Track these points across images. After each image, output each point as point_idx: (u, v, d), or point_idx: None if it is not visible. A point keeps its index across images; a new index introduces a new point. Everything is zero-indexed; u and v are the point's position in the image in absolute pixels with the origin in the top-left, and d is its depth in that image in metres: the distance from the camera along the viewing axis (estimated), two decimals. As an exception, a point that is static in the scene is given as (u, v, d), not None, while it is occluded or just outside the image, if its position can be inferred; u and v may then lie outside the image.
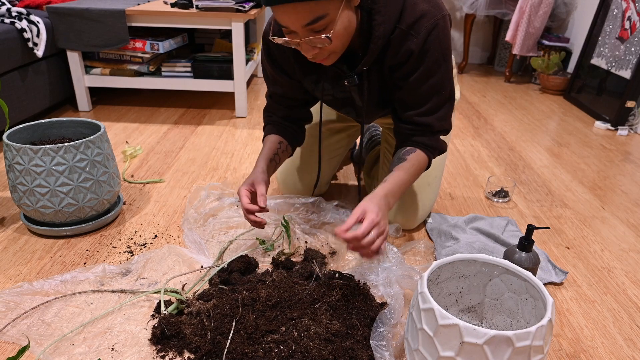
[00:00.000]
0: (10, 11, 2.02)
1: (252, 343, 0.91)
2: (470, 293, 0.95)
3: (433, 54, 1.05)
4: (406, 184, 1.10)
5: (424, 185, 1.38)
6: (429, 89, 1.09)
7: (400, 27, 1.03)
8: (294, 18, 0.91)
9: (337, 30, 0.94)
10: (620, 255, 1.34)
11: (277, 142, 1.27)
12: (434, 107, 1.11)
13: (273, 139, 1.27)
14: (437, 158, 1.37)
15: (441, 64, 1.07)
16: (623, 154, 2.09)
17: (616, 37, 2.56)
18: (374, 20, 1.02)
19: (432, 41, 1.04)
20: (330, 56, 1.02)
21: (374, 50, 1.05)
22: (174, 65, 2.34)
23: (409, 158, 1.11)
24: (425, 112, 1.11)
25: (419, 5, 1.03)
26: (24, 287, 1.09)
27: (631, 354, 1.00)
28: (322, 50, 0.99)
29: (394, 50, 1.06)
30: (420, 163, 1.13)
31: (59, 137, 1.41)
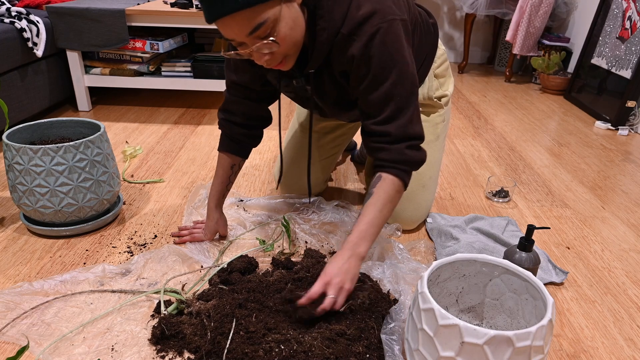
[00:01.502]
0: (9, 11, 2.01)
1: (252, 343, 0.91)
2: (471, 293, 0.95)
3: (379, 60, 1.00)
4: (377, 219, 1.03)
5: (419, 188, 1.36)
6: (382, 96, 1.03)
7: (342, 31, 1.00)
8: (236, 30, 0.90)
9: (283, 33, 0.93)
10: (620, 255, 1.34)
11: (230, 168, 1.29)
12: (391, 115, 1.04)
13: (225, 165, 1.29)
14: (430, 159, 1.35)
15: (391, 69, 1.01)
16: (623, 153, 2.09)
17: (616, 37, 2.56)
18: (318, 25, 1.00)
19: (375, 46, 0.99)
20: (285, 60, 1.00)
21: (318, 56, 1.03)
22: (173, 65, 2.34)
23: (375, 191, 1.04)
24: (382, 121, 1.04)
25: (364, 8, 0.99)
26: (23, 287, 1.08)
27: (631, 354, 1.00)
28: (275, 55, 0.97)
29: (337, 55, 1.04)
30: (390, 192, 1.04)
31: (59, 137, 1.41)
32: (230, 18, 0.88)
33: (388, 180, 1.04)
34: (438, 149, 1.39)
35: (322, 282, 0.95)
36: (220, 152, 1.29)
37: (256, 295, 1.03)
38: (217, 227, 1.31)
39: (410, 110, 1.05)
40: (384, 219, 1.04)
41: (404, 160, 1.05)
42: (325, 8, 0.98)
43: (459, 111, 2.60)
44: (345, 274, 0.97)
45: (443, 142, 1.43)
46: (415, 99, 1.06)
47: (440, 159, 1.42)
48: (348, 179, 1.75)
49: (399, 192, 1.06)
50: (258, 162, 1.85)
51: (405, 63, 1.03)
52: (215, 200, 1.31)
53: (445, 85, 1.39)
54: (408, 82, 1.03)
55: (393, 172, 1.05)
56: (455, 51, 3.79)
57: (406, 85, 1.03)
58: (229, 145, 1.28)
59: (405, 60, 1.03)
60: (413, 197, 1.36)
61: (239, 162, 1.31)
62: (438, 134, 1.39)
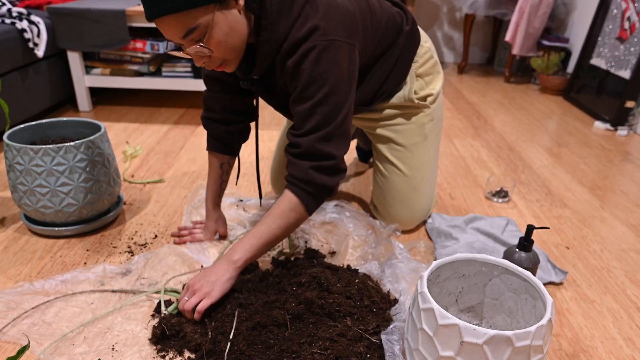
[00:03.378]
0: (10, 11, 2.02)
1: (252, 342, 0.91)
2: (470, 293, 0.95)
3: (309, 76, 0.99)
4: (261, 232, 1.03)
5: (410, 191, 1.35)
6: (306, 110, 1.02)
7: (284, 47, 1.01)
8: (171, 31, 0.92)
9: (216, 39, 0.93)
10: (619, 255, 1.34)
11: (219, 167, 1.30)
12: (309, 130, 1.02)
13: (214, 164, 1.30)
14: (420, 160, 1.34)
15: (320, 87, 1.00)
16: (622, 154, 2.09)
17: (616, 38, 2.57)
18: (260, 36, 1.00)
19: (308, 62, 0.98)
20: (225, 64, 1.01)
21: (261, 65, 1.04)
22: (174, 65, 2.35)
23: (273, 206, 1.05)
24: (299, 133, 1.03)
25: (309, 23, 0.98)
26: (24, 286, 1.09)
27: (631, 353, 1.00)
28: (212, 59, 0.98)
29: (279, 67, 1.05)
30: (283, 207, 1.04)
31: (60, 137, 1.41)
32: (164, 20, 0.90)
33: (285, 197, 1.04)
34: (428, 149, 1.36)
35: (185, 289, 1.02)
36: (208, 152, 1.30)
37: (256, 295, 1.04)
38: (216, 227, 1.32)
39: (329, 129, 1.02)
40: (271, 233, 1.04)
41: (306, 180, 1.03)
42: (270, 19, 0.98)
43: (458, 111, 2.60)
44: (210, 280, 1.00)
45: (435, 142, 1.39)
46: (340, 122, 1.03)
47: (432, 159, 1.38)
48: (348, 179, 1.75)
49: (294, 210, 1.04)
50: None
51: (337, 84, 1.01)
52: (212, 201, 1.31)
53: (433, 84, 1.34)
54: (334, 103, 1.02)
55: (293, 190, 1.04)
56: (455, 51, 3.79)
57: (332, 105, 1.01)
58: (213, 144, 1.29)
59: (337, 82, 1.01)
60: (405, 200, 1.35)
61: (227, 160, 1.30)
62: (426, 134, 1.35)
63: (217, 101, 1.25)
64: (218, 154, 1.29)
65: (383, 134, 1.35)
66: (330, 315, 0.96)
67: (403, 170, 1.34)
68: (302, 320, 0.96)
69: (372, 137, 1.40)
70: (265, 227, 1.04)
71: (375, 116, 1.33)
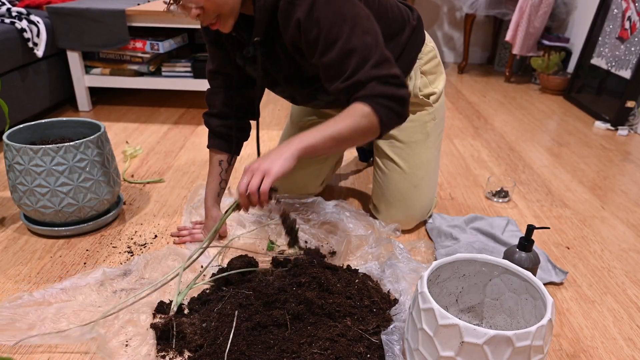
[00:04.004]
0: (10, 11, 2.02)
1: (252, 342, 0.91)
2: (470, 293, 0.95)
3: (326, 19, 0.96)
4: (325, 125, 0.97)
5: (410, 188, 1.35)
6: (340, 53, 0.98)
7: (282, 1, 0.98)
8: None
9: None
10: (620, 255, 1.34)
11: (218, 164, 1.29)
12: (356, 68, 0.99)
13: (213, 161, 1.30)
14: (421, 158, 1.34)
15: (341, 25, 0.97)
16: (623, 153, 2.09)
17: (616, 37, 2.56)
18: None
19: (320, 6, 0.96)
20: (220, 21, 0.99)
21: (260, 23, 1.02)
22: (174, 65, 2.34)
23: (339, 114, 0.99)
24: (348, 76, 0.99)
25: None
26: (24, 298, 1.04)
27: (631, 353, 1.00)
28: (206, 13, 0.97)
29: (284, 24, 1.01)
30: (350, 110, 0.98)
31: (59, 137, 1.41)
32: None
33: (355, 106, 0.99)
34: (429, 147, 1.36)
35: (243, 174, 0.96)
36: (209, 151, 1.31)
37: (256, 295, 1.03)
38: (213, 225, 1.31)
39: (376, 57, 0.99)
40: (337, 128, 0.97)
41: (377, 94, 0.98)
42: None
43: (458, 111, 2.60)
44: (269, 159, 0.94)
45: (436, 141, 1.39)
46: (378, 46, 1.00)
47: (433, 158, 1.38)
48: (348, 179, 1.75)
49: (366, 118, 0.97)
50: (258, 162, 1.85)
51: (357, 15, 0.98)
52: (211, 199, 1.31)
53: (436, 83, 1.35)
54: (363, 32, 0.99)
55: (364, 102, 0.99)
56: (455, 51, 3.79)
57: (362, 36, 0.98)
58: (212, 140, 1.30)
59: (356, 13, 0.98)
60: (405, 198, 1.35)
61: (226, 157, 1.30)
62: (428, 133, 1.35)
63: (217, 96, 1.25)
64: (217, 150, 1.29)
65: None
66: (330, 316, 0.96)
67: (403, 167, 1.34)
68: (302, 320, 0.96)
69: None
70: (332, 123, 0.97)
71: None
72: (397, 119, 1.02)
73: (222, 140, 1.29)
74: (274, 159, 0.95)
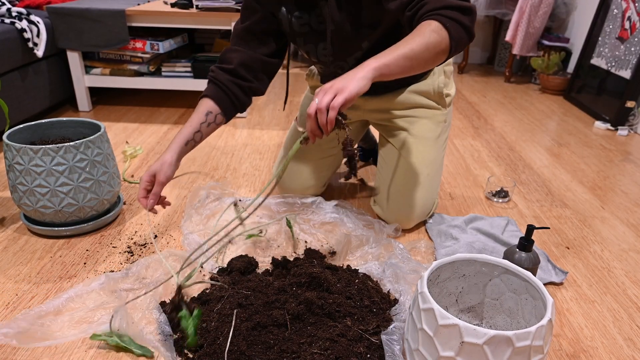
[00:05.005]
0: (10, 11, 2.02)
1: (252, 342, 0.91)
2: (470, 293, 0.95)
3: None
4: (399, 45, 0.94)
5: (414, 185, 1.35)
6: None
7: None
8: None
9: None
10: (620, 255, 1.34)
11: (204, 114, 1.18)
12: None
13: (201, 109, 1.19)
14: (428, 156, 1.34)
15: None
16: (623, 154, 2.09)
17: (616, 37, 2.56)
18: None
19: None
20: None
21: None
22: (174, 65, 2.35)
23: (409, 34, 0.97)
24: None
25: None
26: (32, 312, 1.00)
27: (631, 353, 1.00)
28: None
29: None
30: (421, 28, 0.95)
31: (59, 137, 1.41)
32: None
33: (422, 24, 0.96)
34: (437, 148, 1.38)
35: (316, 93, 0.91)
36: (200, 100, 1.21)
37: (256, 295, 1.03)
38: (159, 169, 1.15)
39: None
40: (409, 47, 0.94)
41: (442, 6, 0.95)
42: None
43: (458, 111, 2.60)
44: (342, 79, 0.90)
45: (444, 144, 1.42)
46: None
47: (439, 159, 1.40)
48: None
49: (436, 32, 0.94)
50: (258, 162, 1.85)
51: None
52: (175, 143, 1.17)
53: (450, 86, 1.40)
54: None
55: (429, 18, 0.96)
56: (455, 51, 3.79)
57: None
58: (210, 90, 1.20)
59: None
60: (408, 195, 1.35)
61: (216, 111, 1.20)
62: (439, 134, 1.38)
63: (237, 54, 1.19)
64: (210, 99, 1.19)
65: (399, 124, 1.37)
66: (330, 316, 0.96)
67: (411, 162, 1.35)
68: (302, 320, 0.96)
69: (385, 130, 1.42)
70: (403, 42, 0.94)
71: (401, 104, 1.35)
72: (465, 34, 0.99)
73: (221, 92, 1.19)
74: (349, 79, 0.91)
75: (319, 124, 0.92)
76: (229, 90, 1.21)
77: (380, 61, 0.93)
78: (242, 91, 1.22)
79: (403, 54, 0.94)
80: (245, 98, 1.24)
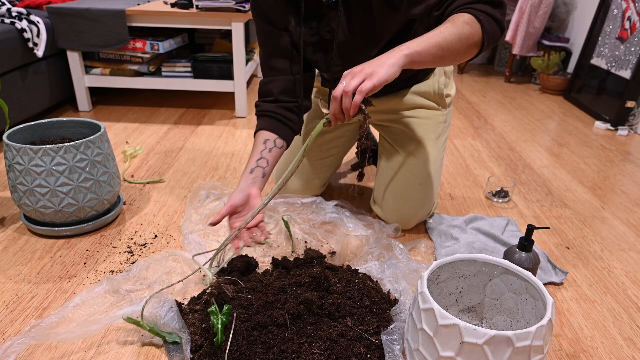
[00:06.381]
0: (10, 11, 2.02)
1: (252, 343, 0.91)
2: (470, 293, 0.95)
3: None
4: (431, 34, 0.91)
5: (415, 185, 1.35)
6: None
7: None
8: None
9: None
10: (620, 255, 1.34)
11: (262, 143, 1.18)
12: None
13: (259, 140, 1.20)
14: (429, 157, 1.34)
15: None
16: (623, 154, 2.09)
17: (616, 37, 2.56)
18: None
19: None
20: None
21: None
22: (174, 65, 2.35)
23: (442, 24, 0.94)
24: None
25: None
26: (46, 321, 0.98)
27: (631, 354, 1.00)
28: None
29: None
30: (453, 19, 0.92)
31: (59, 137, 1.41)
32: None
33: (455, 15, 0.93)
34: (438, 148, 1.39)
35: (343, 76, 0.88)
36: (254, 136, 1.21)
37: (256, 295, 1.03)
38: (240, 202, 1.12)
39: None
40: (441, 35, 0.91)
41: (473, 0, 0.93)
42: None
43: (459, 111, 2.60)
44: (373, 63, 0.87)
45: (444, 144, 1.42)
46: None
47: (439, 159, 1.40)
48: (348, 178, 1.75)
49: (468, 24, 0.91)
50: (258, 162, 1.85)
51: None
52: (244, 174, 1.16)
53: (450, 86, 1.41)
54: None
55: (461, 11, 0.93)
56: (455, 51, 3.79)
57: None
58: (260, 122, 1.20)
59: None
60: (408, 195, 1.35)
61: (273, 137, 1.19)
62: (439, 134, 1.39)
63: (273, 84, 1.19)
64: (264, 131, 1.18)
65: (399, 125, 1.37)
66: (330, 316, 0.96)
67: (411, 163, 1.35)
68: (302, 320, 0.96)
69: (385, 131, 1.42)
70: (436, 31, 0.91)
71: (401, 105, 1.36)
72: (498, 28, 0.96)
73: (272, 120, 1.19)
74: (379, 63, 0.88)
75: (343, 107, 0.90)
76: (278, 115, 1.20)
77: (412, 48, 0.90)
78: (291, 112, 1.22)
79: (436, 42, 0.90)
80: (296, 117, 1.24)
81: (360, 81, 0.88)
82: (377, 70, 0.87)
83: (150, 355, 0.94)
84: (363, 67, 0.90)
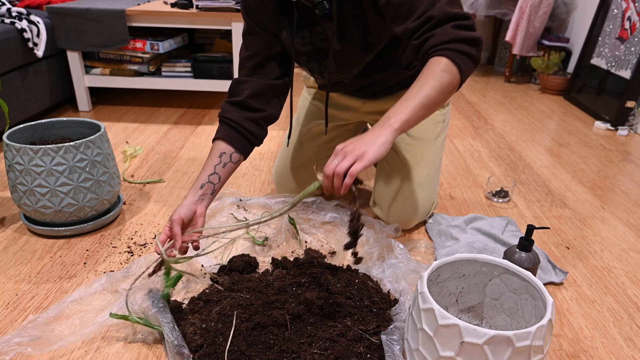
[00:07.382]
0: (10, 11, 2.02)
1: (252, 343, 0.91)
2: (470, 293, 0.95)
3: None
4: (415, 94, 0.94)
5: (415, 186, 1.35)
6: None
7: None
8: None
9: None
10: (620, 255, 1.34)
11: (218, 156, 1.13)
12: (428, 5, 0.97)
13: (214, 151, 1.14)
14: (427, 157, 1.34)
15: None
16: (623, 154, 2.09)
17: (616, 37, 2.56)
18: None
19: None
20: None
21: None
22: (174, 65, 2.35)
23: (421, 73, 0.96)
24: (420, 13, 0.98)
25: None
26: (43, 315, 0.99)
27: (631, 354, 1.00)
28: None
29: None
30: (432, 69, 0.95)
31: (59, 137, 1.41)
32: None
33: (433, 61, 0.95)
34: (436, 148, 1.39)
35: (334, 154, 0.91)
36: (213, 143, 1.16)
37: (256, 295, 1.03)
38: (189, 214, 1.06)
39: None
40: (424, 94, 0.94)
41: (451, 39, 0.95)
42: None
43: (458, 111, 2.60)
44: (363, 142, 0.90)
45: (442, 143, 1.42)
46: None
47: (438, 159, 1.40)
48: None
49: (446, 71, 0.94)
50: (258, 162, 1.85)
51: None
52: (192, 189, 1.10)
53: None
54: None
55: (438, 54, 0.95)
56: (455, 51, 3.79)
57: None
58: (221, 131, 1.15)
59: None
60: (408, 195, 1.35)
61: (230, 151, 1.14)
62: (438, 134, 1.39)
63: (246, 85, 1.16)
64: (222, 142, 1.14)
65: None
66: (330, 316, 0.96)
67: (410, 163, 1.35)
68: (302, 320, 0.96)
69: None
70: (417, 89, 0.94)
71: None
72: (473, 64, 0.99)
73: (233, 131, 1.14)
74: (371, 143, 0.91)
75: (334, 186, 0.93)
76: (240, 127, 1.15)
77: (400, 119, 0.93)
78: (255, 124, 1.17)
79: (420, 104, 0.94)
80: (259, 130, 1.19)
81: (351, 162, 0.90)
82: (368, 151, 0.90)
83: (151, 354, 0.94)
84: (354, 147, 0.92)
